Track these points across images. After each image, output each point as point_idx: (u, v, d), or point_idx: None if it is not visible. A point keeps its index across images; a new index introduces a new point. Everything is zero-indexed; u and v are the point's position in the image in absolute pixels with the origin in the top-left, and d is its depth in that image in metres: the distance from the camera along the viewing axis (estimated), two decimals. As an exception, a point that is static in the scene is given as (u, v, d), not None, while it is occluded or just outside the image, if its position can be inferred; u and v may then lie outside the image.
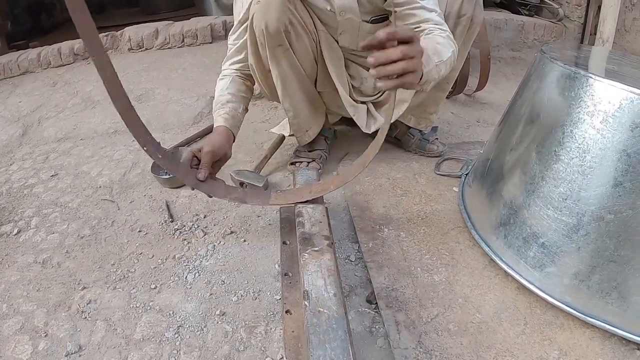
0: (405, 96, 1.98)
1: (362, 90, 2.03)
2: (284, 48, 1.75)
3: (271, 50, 1.74)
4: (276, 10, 1.66)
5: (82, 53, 3.69)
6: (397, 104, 2.00)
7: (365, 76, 1.99)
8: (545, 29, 3.88)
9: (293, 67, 1.83)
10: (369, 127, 2.03)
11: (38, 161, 2.40)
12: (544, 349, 1.24)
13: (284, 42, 1.73)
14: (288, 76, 1.84)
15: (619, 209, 1.19)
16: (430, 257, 1.57)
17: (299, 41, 1.78)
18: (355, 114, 2.00)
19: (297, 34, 1.75)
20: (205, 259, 1.60)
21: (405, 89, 1.26)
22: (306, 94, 1.96)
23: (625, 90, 1.17)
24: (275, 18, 1.66)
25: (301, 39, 1.78)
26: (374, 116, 2.05)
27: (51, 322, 1.39)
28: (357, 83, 2.01)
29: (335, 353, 1.00)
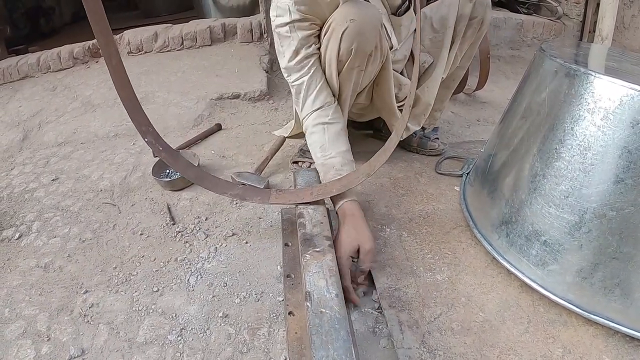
0: (429, 99, 2.01)
1: (399, 96, 2.01)
2: (360, 69, 1.72)
3: (349, 70, 1.70)
4: (371, 34, 1.62)
5: (81, 57, 3.69)
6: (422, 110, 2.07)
7: (404, 83, 1.99)
8: (544, 27, 3.88)
9: (355, 85, 1.80)
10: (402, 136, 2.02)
11: (39, 165, 2.40)
12: (548, 347, 1.24)
13: (363, 64, 1.70)
14: (349, 93, 1.81)
15: (620, 206, 1.19)
16: (433, 257, 1.57)
17: (373, 64, 1.75)
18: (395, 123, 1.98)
19: (375, 57, 1.72)
20: (207, 261, 1.60)
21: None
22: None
23: (625, 87, 1.17)
24: (368, 41, 1.63)
25: (375, 62, 1.75)
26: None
27: (54, 326, 1.39)
28: (396, 90, 1.99)
29: (337, 353, 1.00)
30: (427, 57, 1.99)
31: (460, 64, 2.07)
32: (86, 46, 3.69)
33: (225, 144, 2.43)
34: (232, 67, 3.29)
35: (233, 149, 2.36)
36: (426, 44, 1.99)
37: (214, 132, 2.57)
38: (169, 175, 2.11)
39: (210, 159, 2.28)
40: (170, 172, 2.13)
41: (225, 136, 2.54)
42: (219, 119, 2.71)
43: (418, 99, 2.03)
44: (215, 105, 2.85)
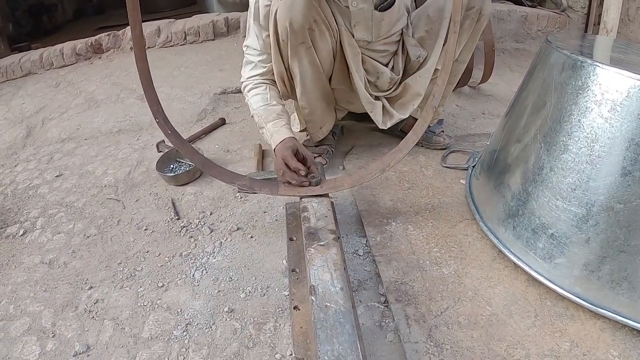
0: (419, 90, 1.98)
1: (377, 85, 2.01)
2: (307, 46, 1.73)
3: (293, 48, 1.72)
4: (302, 7, 1.63)
5: (84, 53, 3.69)
6: (411, 98, 2.01)
7: (381, 70, 1.97)
8: (548, 19, 3.86)
9: (313, 65, 1.81)
10: (385, 123, 2.03)
11: (42, 162, 2.40)
12: (555, 341, 1.23)
13: (307, 40, 1.71)
14: (308, 74, 1.83)
15: (628, 199, 1.18)
16: (439, 250, 1.56)
17: (322, 39, 1.76)
18: (372, 110, 1.99)
19: (320, 31, 1.73)
20: (212, 256, 1.60)
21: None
22: (322, 91, 1.95)
23: (633, 78, 1.16)
24: (300, 15, 1.64)
25: (324, 37, 1.76)
26: (389, 112, 2.04)
27: (59, 322, 1.39)
28: (373, 78, 1.99)
29: (343, 347, 1.00)
30: (421, 51, 1.97)
31: (460, 58, 2.02)
32: (89, 42, 3.69)
33: (229, 139, 2.43)
34: (235, 61, 3.28)
35: (237, 143, 2.36)
36: (422, 35, 1.97)
37: (218, 127, 2.57)
38: (173, 170, 2.11)
39: (214, 154, 2.27)
40: (174, 167, 2.12)
41: (229, 130, 2.53)
42: (223, 114, 2.70)
43: (407, 88, 2.02)
44: (219, 100, 2.85)
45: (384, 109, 2.03)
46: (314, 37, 1.73)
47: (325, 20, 1.73)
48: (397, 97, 2.06)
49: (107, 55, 3.73)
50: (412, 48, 1.98)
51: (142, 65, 1.52)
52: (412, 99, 2.02)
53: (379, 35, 1.89)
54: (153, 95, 1.57)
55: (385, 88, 2.04)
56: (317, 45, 1.76)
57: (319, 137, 2.09)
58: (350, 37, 1.84)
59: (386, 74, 1.98)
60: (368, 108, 1.98)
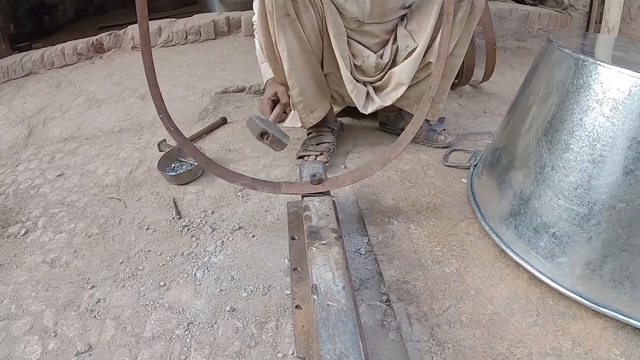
0: (403, 79, 1.97)
1: (363, 69, 2.01)
2: (291, 19, 1.75)
3: (278, 19, 1.74)
4: None
5: (85, 53, 3.69)
6: (395, 87, 2.00)
7: (367, 55, 1.98)
8: (550, 18, 3.86)
9: (300, 39, 1.82)
10: (366, 108, 2.02)
11: (44, 161, 2.40)
12: (557, 340, 1.23)
13: (290, 11, 1.73)
14: (294, 49, 1.84)
15: (630, 198, 1.18)
16: (441, 249, 1.56)
17: (306, 13, 1.78)
18: (353, 91, 1.97)
19: (304, 4, 1.75)
20: (214, 255, 1.60)
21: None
22: (312, 71, 1.95)
23: (634, 77, 1.16)
24: None
25: (308, 11, 1.78)
26: (372, 98, 2.03)
27: (60, 321, 1.39)
28: (359, 61, 1.99)
29: (345, 346, 0.99)
30: (410, 41, 1.96)
31: (455, 52, 2.00)
32: (90, 42, 3.69)
33: (230, 138, 2.43)
34: (236, 60, 3.29)
35: (238, 143, 2.36)
36: (414, 28, 1.96)
37: (220, 126, 2.57)
38: (175, 170, 2.11)
39: (216, 153, 2.27)
40: (175, 167, 2.13)
41: (230, 130, 2.53)
42: (224, 113, 2.70)
43: (392, 77, 2.01)
44: (220, 99, 2.85)
45: (367, 94, 2.03)
46: (297, 9, 1.75)
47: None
48: (382, 85, 2.06)
49: (108, 55, 3.73)
50: (402, 38, 1.98)
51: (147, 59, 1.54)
52: (395, 88, 2.01)
53: (371, 14, 1.89)
54: (157, 92, 1.58)
55: (371, 73, 2.03)
56: (301, 18, 1.78)
57: (311, 122, 2.08)
58: (335, 17, 1.85)
59: (371, 58, 1.98)
60: (349, 88, 1.96)
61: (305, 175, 1.67)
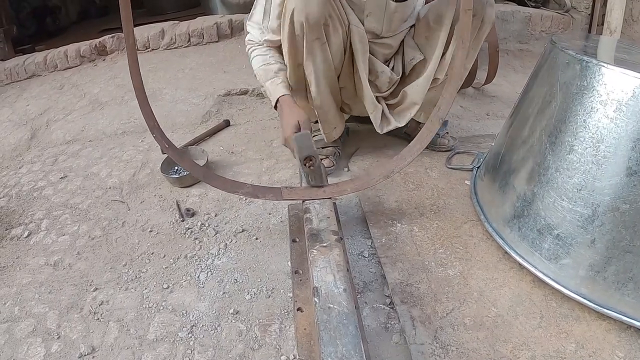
0: (416, 99, 1.98)
1: (377, 84, 2.01)
2: (321, 42, 1.74)
3: (309, 43, 1.72)
4: (318, 3, 1.64)
5: (88, 55, 3.70)
6: (408, 106, 2.01)
7: (381, 70, 1.97)
8: (552, 20, 3.85)
9: (326, 61, 1.82)
10: (382, 129, 2.03)
11: (47, 164, 2.41)
12: (561, 342, 1.23)
13: (322, 35, 1.71)
14: (321, 72, 1.83)
15: (634, 199, 1.17)
16: (444, 252, 1.56)
17: (335, 35, 1.76)
18: (373, 112, 1.98)
19: (334, 27, 1.74)
20: (217, 257, 1.60)
21: None
22: (333, 90, 1.95)
23: (638, 78, 1.16)
24: (317, 10, 1.64)
25: (337, 33, 1.76)
26: (387, 118, 2.04)
27: (63, 324, 1.40)
28: (373, 77, 1.99)
29: (346, 349, 0.99)
30: (417, 54, 1.97)
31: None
32: (93, 44, 3.70)
33: (233, 140, 2.43)
34: (239, 63, 3.29)
35: (242, 145, 2.36)
36: (422, 41, 1.97)
37: (222, 129, 2.57)
38: (178, 172, 2.11)
39: (219, 155, 2.27)
40: (179, 169, 2.12)
41: (233, 132, 2.53)
42: (227, 115, 2.70)
43: (405, 96, 2.02)
44: (223, 102, 2.85)
45: (382, 114, 2.03)
46: (328, 33, 1.73)
47: (339, 14, 1.74)
48: (396, 104, 2.07)
49: (111, 57, 3.73)
50: (409, 49, 1.99)
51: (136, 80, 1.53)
52: (409, 107, 2.03)
53: (390, 28, 1.89)
54: (148, 110, 1.59)
55: (384, 88, 2.03)
56: (330, 41, 1.77)
57: (333, 137, 2.09)
58: (362, 34, 1.84)
59: (385, 74, 1.98)
60: (370, 109, 1.97)
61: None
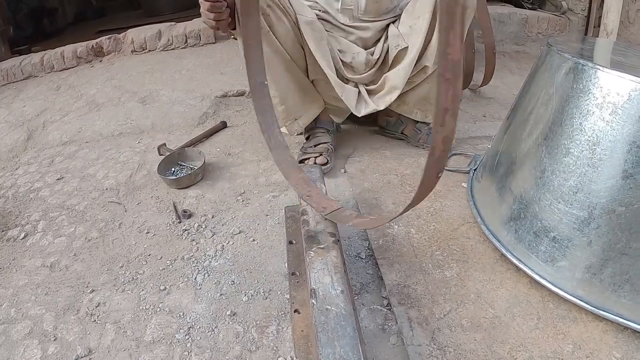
0: (397, 83, 1.97)
1: (353, 66, 2.01)
2: (264, 31, 1.75)
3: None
4: None
5: (85, 56, 3.70)
6: (389, 90, 2.00)
7: (356, 51, 1.98)
8: (549, 22, 3.86)
9: (276, 50, 1.83)
10: (359, 110, 2.02)
11: (43, 165, 2.40)
12: (558, 343, 1.23)
13: (262, 24, 1.73)
14: (270, 59, 1.83)
15: (630, 201, 1.18)
16: (441, 253, 1.56)
17: (279, 24, 1.79)
18: (343, 94, 1.97)
19: (276, 16, 1.76)
20: (214, 259, 1.60)
21: None
22: (294, 79, 1.96)
23: (634, 81, 1.16)
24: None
25: (281, 21, 1.79)
26: (365, 100, 2.03)
27: (60, 325, 1.39)
28: (349, 58, 1.99)
29: (344, 350, 0.99)
30: (400, 41, 1.97)
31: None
32: (90, 45, 3.70)
33: (230, 142, 2.43)
34: (236, 64, 3.29)
35: (239, 147, 2.36)
36: (406, 30, 1.97)
37: (219, 130, 2.57)
38: (175, 174, 2.11)
39: (216, 157, 2.27)
40: (175, 170, 2.13)
41: (230, 134, 2.53)
42: (224, 117, 2.70)
43: (386, 81, 2.01)
44: (220, 103, 2.85)
45: (360, 95, 2.03)
46: (270, 22, 1.76)
47: (279, 4, 1.77)
48: (377, 89, 2.06)
49: (108, 59, 3.73)
50: (393, 37, 1.99)
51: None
52: (389, 92, 2.01)
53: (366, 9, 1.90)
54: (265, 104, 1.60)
55: (361, 70, 2.03)
56: (275, 29, 1.79)
57: (296, 130, 2.09)
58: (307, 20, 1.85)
59: (362, 54, 1.98)
60: (338, 91, 1.96)
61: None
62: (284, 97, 1.97)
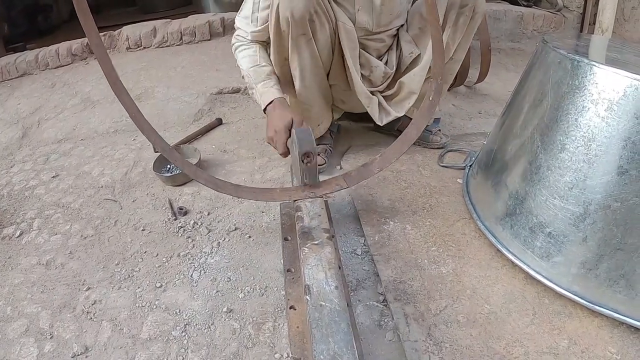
0: (414, 88, 1.98)
1: (371, 79, 2.01)
2: (307, 37, 1.74)
3: (294, 39, 1.73)
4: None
5: (80, 53, 3.68)
6: (406, 96, 2.01)
7: (375, 65, 1.98)
8: (544, 19, 3.87)
9: (313, 57, 1.82)
10: (381, 120, 2.03)
11: (39, 163, 2.39)
12: (554, 339, 1.24)
13: (307, 31, 1.72)
14: (307, 67, 1.84)
15: (625, 197, 1.19)
16: (437, 249, 1.57)
17: (322, 31, 1.76)
18: (369, 105, 1.99)
19: (320, 23, 1.74)
20: (210, 256, 1.60)
21: None
22: (320, 86, 1.96)
23: (629, 77, 1.17)
24: (302, 6, 1.65)
25: (323, 28, 1.76)
26: (385, 109, 2.04)
27: (56, 323, 1.39)
28: (367, 72, 1.99)
29: (338, 346, 1.00)
30: (414, 48, 1.98)
31: (455, 57, 2.02)
32: (84, 43, 3.68)
33: (226, 139, 2.43)
34: (231, 61, 3.23)
35: (234, 144, 2.36)
36: (416, 33, 1.97)
37: (215, 127, 2.57)
38: (170, 171, 2.10)
39: (211, 154, 2.27)
40: (171, 167, 2.12)
41: (226, 130, 2.53)
42: (220, 114, 2.70)
43: (402, 86, 2.02)
44: (215, 100, 2.85)
45: (380, 105, 2.04)
46: (314, 28, 1.73)
47: (325, 11, 1.74)
48: (393, 95, 2.07)
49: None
50: (406, 44, 1.99)
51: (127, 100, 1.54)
52: (407, 97, 2.03)
53: (380, 22, 1.89)
54: (151, 132, 1.68)
55: (378, 83, 2.04)
56: (317, 36, 1.77)
57: (317, 135, 2.09)
58: (348, 30, 1.84)
59: (380, 68, 1.98)
60: (365, 103, 1.98)
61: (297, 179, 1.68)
62: (312, 105, 1.98)
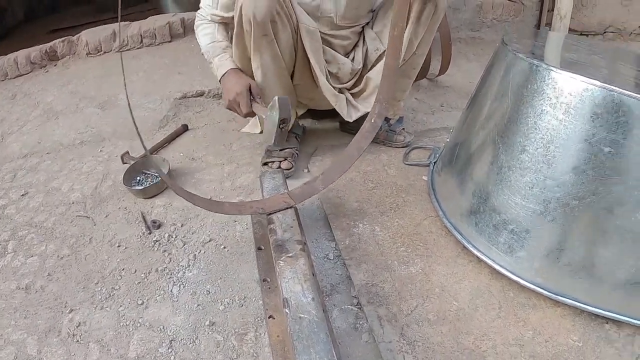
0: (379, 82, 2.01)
1: (339, 76, 2.06)
2: (269, 39, 1.78)
3: (256, 40, 1.77)
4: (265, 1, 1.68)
5: (39, 61, 3.61)
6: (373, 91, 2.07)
7: (342, 62, 2.02)
8: (503, 7, 3.90)
9: (274, 58, 1.85)
10: (350, 116, 2.07)
11: (6, 180, 2.35)
12: (519, 330, 1.32)
13: (269, 32, 1.75)
14: (269, 67, 1.87)
15: (583, 195, 1.26)
16: (406, 249, 1.63)
17: (284, 32, 1.80)
18: (337, 103, 2.03)
19: (282, 24, 1.77)
20: (187, 269, 1.62)
21: None
22: (283, 85, 1.98)
23: (585, 82, 1.23)
24: (264, 7, 1.68)
25: (285, 30, 1.80)
26: (353, 105, 2.09)
27: (44, 349, 1.40)
28: (334, 69, 2.03)
29: (319, 356, 1.07)
30: (379, 44, 2.02)
31: (418, 51, 2.04)
32: (43, 50, 3.61)
33: (193, 145, 2.43)
34: (194, 63, 3.27)
35: (202, 150, 2.37)
36: (381, 29, 2.02)
37: (181, 134, 2.56)
38: (140, 183, 2.11)
39: (180, 162, 2.28)
40: (141, 179, 2.13)
41: (192, 137, 2.53)
42: (185, 119, 2.70)
43: (369, 82, 2.08)
44: (179, 105, 2.83)
45: (348, 102, 2.08)
46: (276, 29, 1.77)
47: (287, 12, 1.78)
48: (360, 91, 2.12)
49: (62, 63, 3.66)
50: (371, 41, 2.04)
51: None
52: (373, 92, 2.05)
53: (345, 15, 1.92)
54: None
55: (346, 79, 2.08)
56: (278, 38, 1.80)
57: None
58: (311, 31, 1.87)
59: (347, 65, 2.03)
60: (332, 101, 2.02)
61: (266, 188, 1.72)
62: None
